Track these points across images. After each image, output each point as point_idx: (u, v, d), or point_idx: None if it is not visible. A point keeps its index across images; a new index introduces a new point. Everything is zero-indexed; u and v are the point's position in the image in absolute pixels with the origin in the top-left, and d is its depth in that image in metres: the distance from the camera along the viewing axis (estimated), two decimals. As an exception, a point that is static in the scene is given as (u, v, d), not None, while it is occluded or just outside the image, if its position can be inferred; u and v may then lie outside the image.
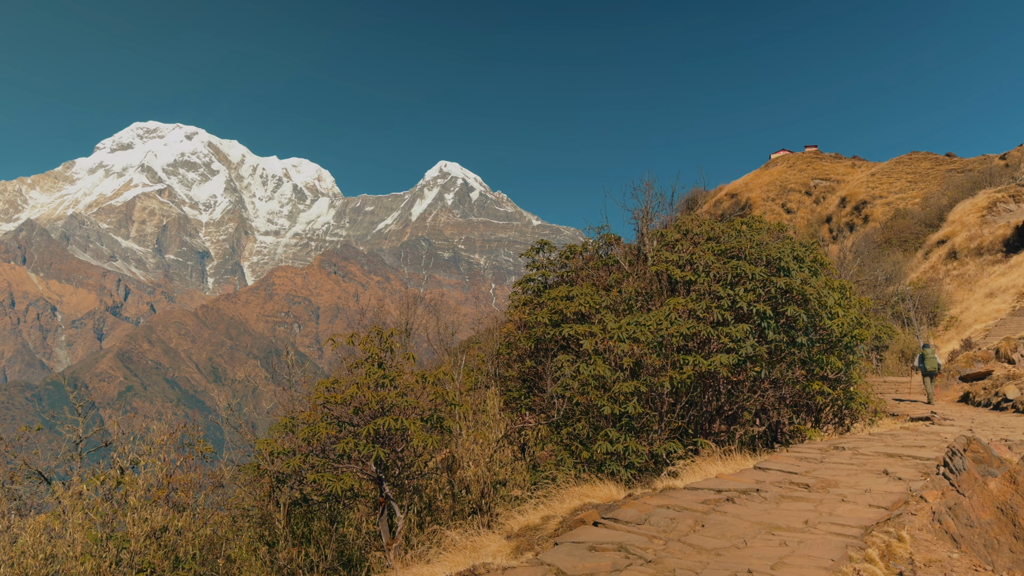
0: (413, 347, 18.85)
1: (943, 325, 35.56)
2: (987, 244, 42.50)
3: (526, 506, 9.33)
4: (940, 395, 21.63)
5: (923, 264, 46.26)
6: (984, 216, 46.13)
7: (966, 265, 42.53)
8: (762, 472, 8.76)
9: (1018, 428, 14.36)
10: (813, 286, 13.23)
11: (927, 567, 6.02)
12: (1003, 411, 17.78)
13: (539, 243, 17.96)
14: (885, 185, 74.65)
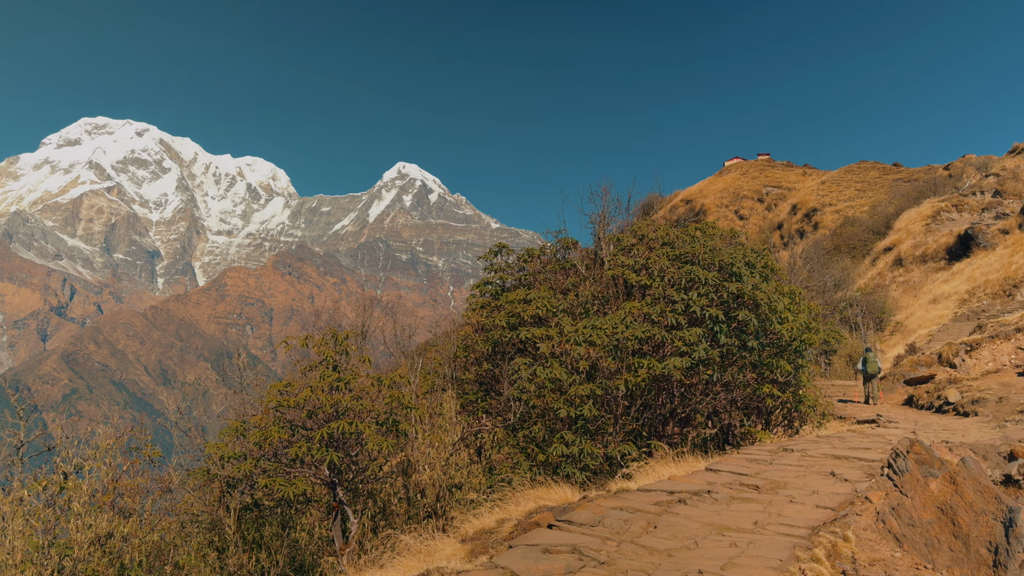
0: (369, 350, 18.69)
1: (889, 330, 36.63)
2: (931, 252, 43.93)
3: (481, 509, 9.33)
4: (885, 399, 22.29)
5: (870, 271, 47.59)
6: (928, 225, 47.68)
7: (911, 272, 43.89)
8: (713, 474, 8.91)
9: (959, 430, 14.88)
10: (764, 291, 13.52)
11: (871, 566, 6.20)
12: (945, 414, 18.41)
13: (497, 246, 17.98)
14: (835, 193, 76.63)
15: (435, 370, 15.30)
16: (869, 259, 50.21)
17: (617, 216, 19.04)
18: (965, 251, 40.84)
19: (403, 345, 18.77)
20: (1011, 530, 6.64)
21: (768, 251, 17.06)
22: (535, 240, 37.97)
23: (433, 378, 14.78)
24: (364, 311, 19.66)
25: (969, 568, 6.62)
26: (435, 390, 14.39)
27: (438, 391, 14.35)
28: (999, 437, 13.24)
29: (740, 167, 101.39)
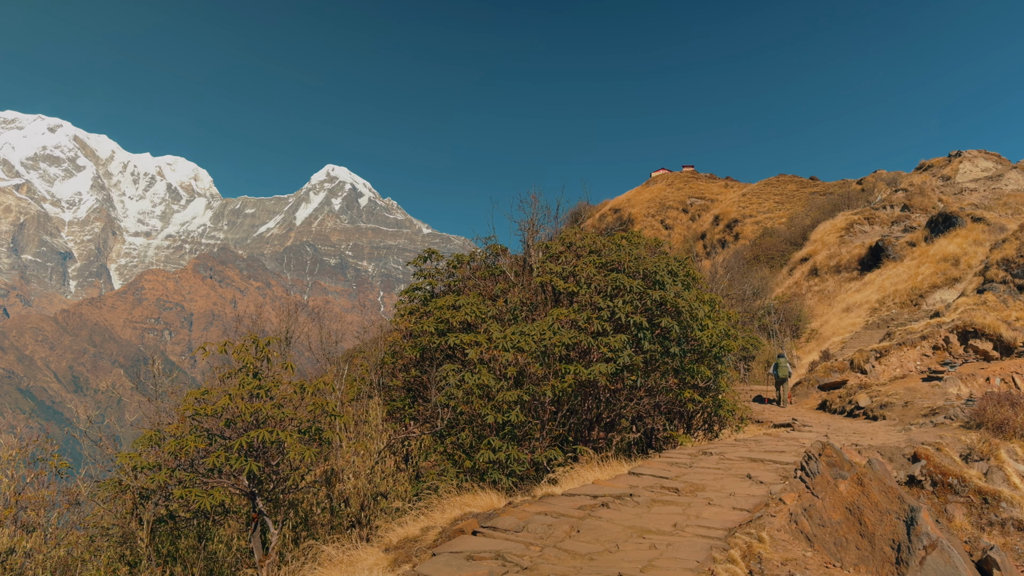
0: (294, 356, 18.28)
1: (805, 337, 38.09)
2: (845, 262, 45.97)
3: (406, 518, 9.24)
4: (801, 403, 23.17)
5: (788, 280, 49.43)
6: (843, 236, 49.90)
7: (826, 282, 45.79)
8: (636, 477, 9.08)
9: (868, 433, 15.59)
10: (686, 299, 13.88)
11: (784, 565, 6.43)
12: (856, 418, 19.26)
13: (427, 252, 17.90)
14: (755, 205, 79.33)
15: (362, 377, 15.09)
16: (787, 269, 52.16)
17: (546, 223, 19.26)
18: (876, 262, 42.91)
19: (329, 351, 18.44)
20: (912, 528, 7.00)
21: (690, 260, 17.55)
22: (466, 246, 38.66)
23: (360, 385, 14.58)
24: (289, 316, 19.23)
25: (874, 565, 6.95)
26: (361, 397, 14.19)
27: (365, 398, 14.16)
28: (904, 440, 13.94)
29: (666, 178, 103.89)
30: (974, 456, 12.90)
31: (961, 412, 15.87)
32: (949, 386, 19.54)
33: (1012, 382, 19.43)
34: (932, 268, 36.87)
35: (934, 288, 35.30)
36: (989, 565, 7.63)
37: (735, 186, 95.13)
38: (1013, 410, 14.31)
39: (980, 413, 14.52)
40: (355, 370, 15.08)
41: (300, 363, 26.04)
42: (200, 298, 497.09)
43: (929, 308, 33.12)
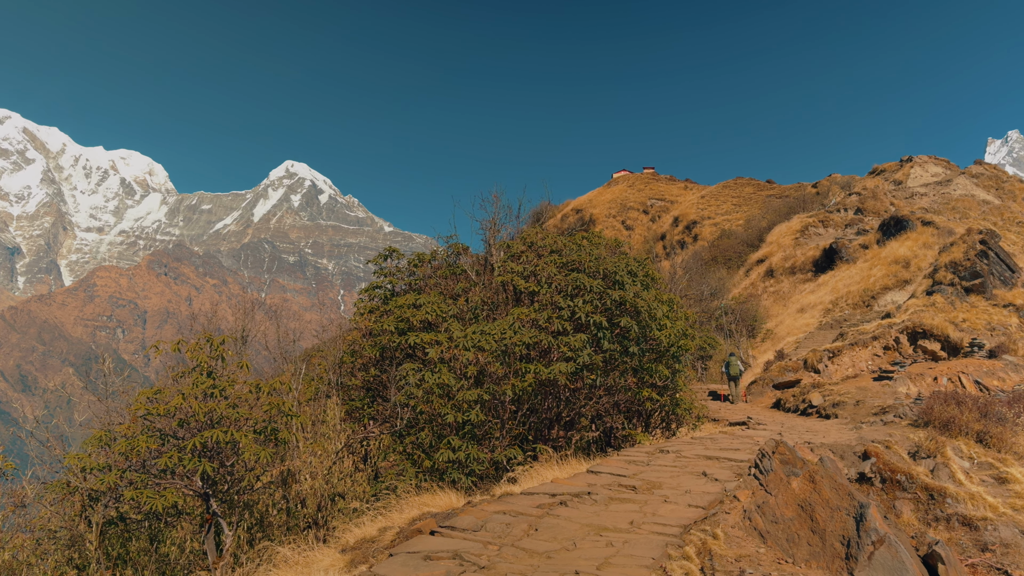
0: (251, 355, 18.00)
1: (760, 337, 38.79)
2: (800, 264, 46.93)
3: (364, 518, 9.17)
4: (756, 401, 23.59)
5: (744, 281, 50.28)
6: (798, 239, 50.92)
7: (781, 283, 46.69)
8: (594, 476, 9.14)
9: (820, 431, 15.93)
10: (644, 299, 14.03)
11: (737, 562, 6.54)
12: (809, 416, 19.66)
13: (387, 250, 17.78)
14: (713, 207, 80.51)
15: (320, 376, 14.92)
16: (743, 270, 53.04)
17: (508, 223, 19.27)
18: (830, 264, 43.89)
19: (287, 350, 18.18)
20: (861, 524, 7.18)
21: (650, 261, 17.74)
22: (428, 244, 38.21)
23: (318, 384, 14.42)
24: (245, 314, 18.90)
25: (825, 560, 7.10)
26: (319, 397, 14.04)
27: (323, 398, 14.01)
28: (855, 438, 14.27)
29: (627, 179, 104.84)
30: (922, 453, 13.27)
31: (910, 411, 16.31)
32: (899, 385, 20.08)
33: (958, 381, 20.04)
34: (884, 270, 37.85)
35: (885, 290, 36.23)
36: (934, 560, 7.86)
37: (694, 188, 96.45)
38: (959, 409, 14.75)
39: (928, 412, 14.94)
40: (313, 369, 14.91)
41: (257, 362, 25.62)
42: (154, 295, 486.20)
43: (881, 309, 33.99)
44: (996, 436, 14.30)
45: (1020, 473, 13.27)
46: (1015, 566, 10.64)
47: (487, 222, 18.21)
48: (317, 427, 12.63)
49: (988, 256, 29.96)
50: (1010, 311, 27.26)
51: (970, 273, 29.43)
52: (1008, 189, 54.31)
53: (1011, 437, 14.48)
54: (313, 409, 13.28)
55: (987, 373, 20.32)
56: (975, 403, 15.18)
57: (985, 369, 20.60)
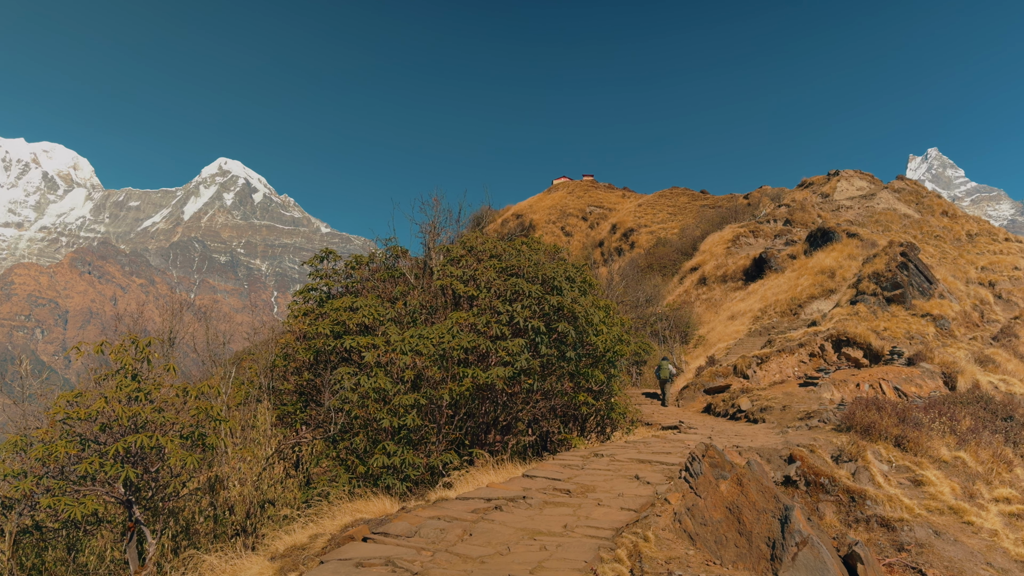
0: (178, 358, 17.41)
1: (693, 343, 39.66)
2: (731, 272, 48.21)
3: (295, 525, 8.97)
4: (688, 406, 24.09)
5: (678, 288, 51.35)
6: (729, 248, 52.31)
7: (713, 290, 47.87)
8: (530, 480, 9.18)
9: (749, 435, 16.37)
10: (582, 305, 14.18)
11: (667, 564, 6.65)
12: (738, 420, 20.20)
13: (324, 251, 17.48)
14: (650, 215, 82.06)
15: (251, 380, 14.56)
16: (678, 277, 54.18)
17: (448, 227, 19.20)
18: (760, 273, 45.24)
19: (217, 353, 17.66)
20: (786, 526, 7.40)
21: (588, 267, 17.94)
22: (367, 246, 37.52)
23: (248, 388, 14.05)
24: (173, 316, 18.28)
25: (751, 561, 7.30)
26: (250, 401, 13.69)
27: (253, 402, 13.67)
28: (782, 442, 14.73)
29: (567, 186, 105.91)
30: (844, 457, 13.79)
31: (833, 416, 16.93)
32: (823, 391, 20.81)
33: (879, 388, 20.90)
34: (810, 280, 39.21)
35: (812, 299, 37.53)
36: (854, 560, 8.17)
37: (632, 196, 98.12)
38: (879, 414, 15.39)
39: (850, 417, 15.53)
40: (244, 373, 14.53)
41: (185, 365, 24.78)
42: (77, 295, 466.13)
43: (807, 317, 35.19)
44: (913, 440, 14.98)
45: (935, 476, 13.93)
46: (929, 564, 11.15)
47: (427, 225, 18.10)
48: (247, 432, 12.31)
49: (908, 268, 31.37)
50: (928, 321, 28.61)
51: (891, 284, 30.76)
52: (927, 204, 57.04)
53: (927, 441, 15.19)
54: (243, 414, 12.94)
55: (906, 380, 21.25)
56: (894, 409, 15.86)
57: (904, 376, 21.55)
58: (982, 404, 18.30)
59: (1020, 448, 16.55)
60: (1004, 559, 11.59)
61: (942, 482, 13.71)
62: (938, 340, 27.01)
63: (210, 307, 34.38)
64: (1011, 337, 28.86)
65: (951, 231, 50.72)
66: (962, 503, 13.14)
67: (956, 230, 50.99)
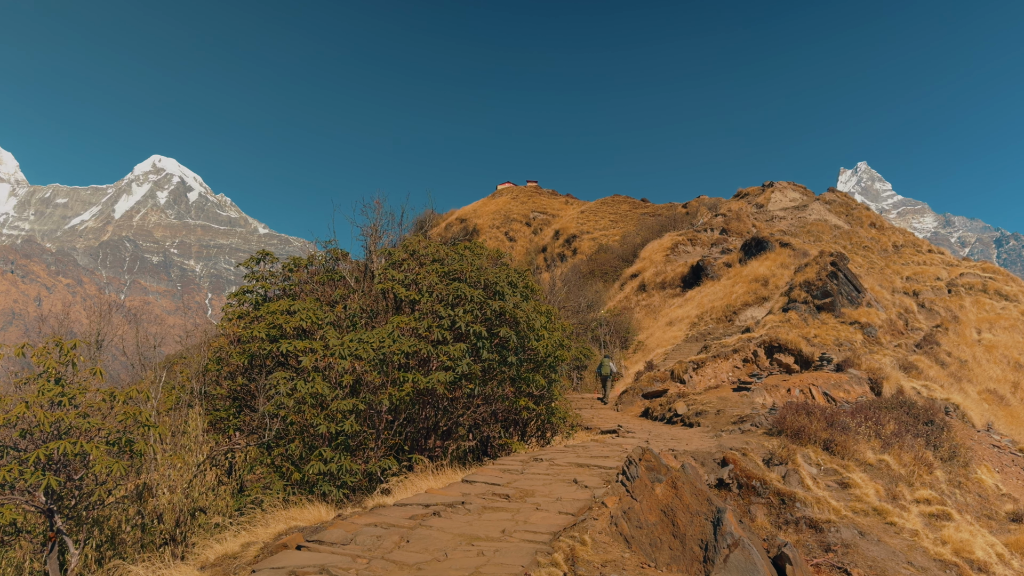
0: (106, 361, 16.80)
1: (632, 348, 40.27)
2: (670, 279, 49.14)
3: (226, 533, 8.74)
4: (626, 410, 24.43)
5: (619, 294, 52.08)
6: (668, 255, 53.33)
7: (652, 297, 48.71)
8: (469, 485, 9.16)
9: (684, 439, 16.69)
10: (524, 310, 14.25)
11: (603, 567, 6.73)
12: (674, 424, 20.56)
13: (260, 253, 17.10)
14: (592, 222, 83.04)
15: (183, 384, 14.13)
16: (619, 283, 54.97)
17: (390, 230, 19.03)
18: (697, 280, 46.27)
19: (147, 357, 17.09)
20: (718, 528, 7.57)
21: (530, 272, 18.05)
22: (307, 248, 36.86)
23: (180, 393, 13.64)
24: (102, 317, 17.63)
25: (685, 564, 7.44)
26: (181, 406, 13.29)
27: (185, 407, 13.27)
28: (716, 446, 15.05)
29: (511, 191, 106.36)
30: (775, 460, 14.18)
31: (765, 420, 17.39)
32: (756, 396, 21.38)
33: (809, 393, 21.59)
34: (745, 287, 40.29)
35: (746, 306, 38.56)
36: (783, 560, 8.40)
37: (575, 203, 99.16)
38: (808, 418, 15.89)
39: (781, 421, 15.99)
40: (175, 377, 14.10)
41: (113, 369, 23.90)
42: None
43: (741, 324, 36.13)
44: (840, 444, 15.51)
45: (860, 479, 14.45)
46: (854, 564, 11.55)
47: (368, 228, 17.91)
48: (178, 438, 11.94)
49: (838, 277, 32.52)
50: (855, 328, 29.70)
51: (822, 292, 31.84)
52: (856, 216, 59.30)
53: (853, 445, 15.75)
54: (174, 419, 12.55)
55: (834, 385, 22.01)
56: (823, 413, 16.40)
57: (833, 382, 22.31)
58: (905, 409, 19.08)
59: (940, 451, 17.33)
60: (923, 558, 12.09)
61: (867, 484, 14.23)
62: (865, 347, 28.08)
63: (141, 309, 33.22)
64: (933, 344, 30.23)
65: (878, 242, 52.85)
66: (886, 504, 13.66)
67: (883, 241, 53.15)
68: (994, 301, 39.05)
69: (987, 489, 16.62)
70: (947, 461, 17.03)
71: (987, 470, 17.46)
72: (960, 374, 28.40)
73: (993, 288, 41.17)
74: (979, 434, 20.69)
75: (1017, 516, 15.34)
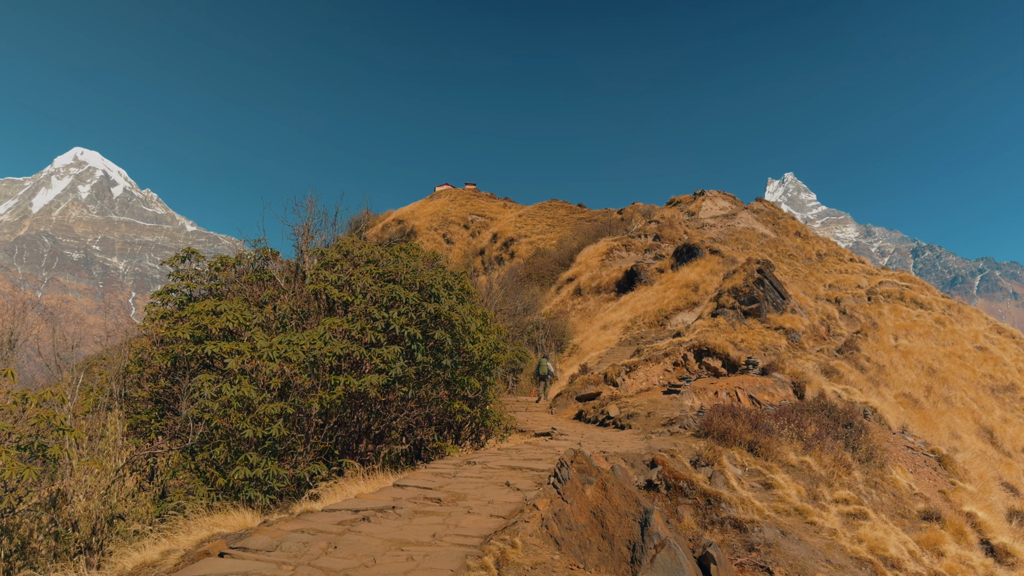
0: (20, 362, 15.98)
1: (568, 352, 40.66)
2: (604, 284, 49.83)
3: (146, 541, 8.42)
4: (560, 413, 24.64)
5: (555, 298, 52.53)
6: (603, 260, 54.09)
7: (588, 301, 49.31)
8: (400, 489, 9.08)
9: (616, 441, 16.93)
10: (459, 312, 14.21)
11: (533, 569, 6.76)
12: (607, 427, 20.84)
13: (186, 251, 16.56)
14: (530, 226, 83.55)
15: (102, 387, 13.56)
16: (555, 287, 55.44)
17: (323, 230, 18.69)
18: (631, 285, 47.06)
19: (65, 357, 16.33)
20: (646, 529, 7.72)
21: (467, 275, 18.02)
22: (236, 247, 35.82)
23: (99, 395, 13.09)
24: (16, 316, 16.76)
25: (613, 564, 7.55)
26: (100, 409, 12.75)
27: (103, 410, 12.74)
28: (645, 447, 15.33)
29: (449, 193, 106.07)
30: (702, 462, 14.53)
31: (693, 422, 17.81)
32: (685, 399, 21.87)
33: (736, 396, 22.21)
34: (676, 293, 41.18)
35: (677, 311, 39.41)
36: (707, 560, 8.62)
37: (513, 207, 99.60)
38: (734, 421, 16.35)
39: (708, 423, 16.40)
40: (94, 379, 13.52)
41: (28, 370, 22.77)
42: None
43: (673, 328, 36.90)
44: (764, 446, 16.01)
45: (783, 479, 14.94)
46: (775, 563, 11.93)
47: (300, 227, 17.55)
48: (95, 443, 11.44)
49: (764, 284, 33.57)
50: (780, 333, 30.72)
51: (749, 298, 32.80)
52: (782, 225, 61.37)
53: (776, 447, 16.28)
54: (92, 423, 12.02)
55: (759, 389, 22.70)
56: (748, 416, 16.90)
57: (758, 385, 23.01)
58: (826, 412, 19.82)
59: (858, 453, 18.06)
60: (841, 556, 12.58)
61: (789, 485, 14.72)
62: (789, 352, 29.07)
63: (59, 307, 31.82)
64: (853, 350, 31.51)
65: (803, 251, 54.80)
66: (806, 504, 14.17)
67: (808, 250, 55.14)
68: (910, 309, 40.99)
69: (901, 489, 17.40)
70: (865, 462, 17.76)
71: (901, 471, 18.29)
72: (878, 378, 29.69)
73: (910, 296, 43.22)
74: (894, 436, 21.66)
75: (928, 514, 16.11)
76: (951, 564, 13.95)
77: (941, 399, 30.25)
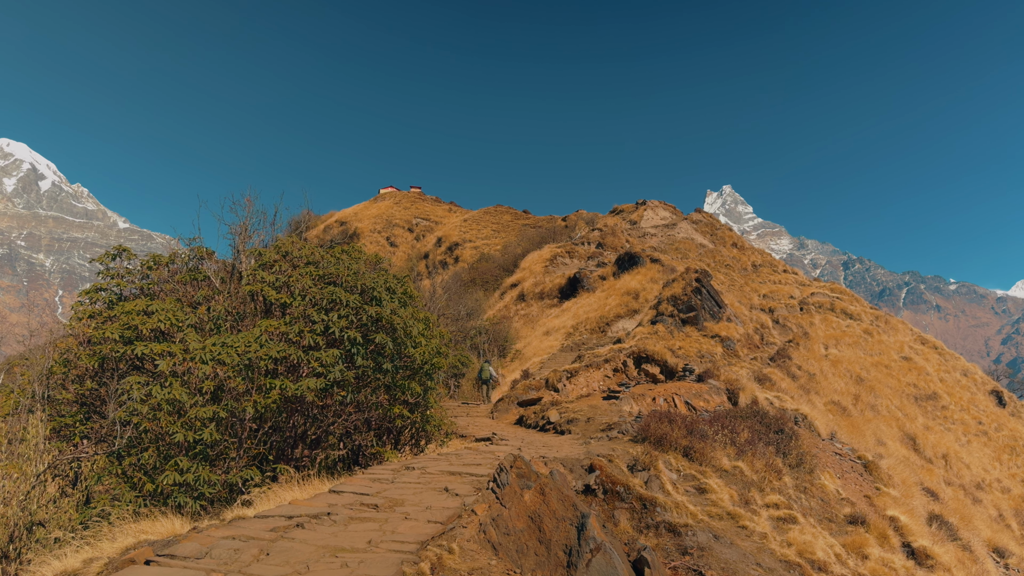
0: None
1: (510, 357, 40.75)
2: (548, 290, 50.16)
3: (67, 549, 8.09)
4: (502, 418, 24.68)
5: (499, 303, 52.61)
6: (547, 267, 54.46)
7: (531, 307, 49.54)
8: (336, 495, 8.95)
9: (556, 446, 17.04)
10: (401, 316, 14.10)
11: (470, 575, 6.75)
12: (547, 432, 20.95)
13: (117, 248, 15.99)
14: (475, 231, 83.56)
15: (23, 388, 12.97)
16: (499, 292, 55.53)
17: (262, 230, 18.29)
18: (574, 292, 47.51)
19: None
20: (582, 533, 7.79)
21: (411, 279, 17.89)
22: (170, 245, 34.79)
23: (19, 397, 12.52)
24: (-72, 313, 15.92)
25: (549, 569, 7.59)
26: (20, 411, 12.20)
27: (24, 412, 12.19)
28: (584, 452, 15.47)
29: (394, 196, 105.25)
30: (638, 466, 14.74)
31: (631, 427, 18.05)
32: (624, 404, 22.16)
33: (673, 402, 22.61)
34: (618, 300, 41.75)
35: (618, 318, 39.96)
36: (642, 564, 8.75)
37: (458, 211, 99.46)
38: (670, 426, 16.64)
39: (645, 428, 16.65)
40: (15, 380, 12.93)
41: (-59, 370, 21.56)
42: None
43: (613, 335, 37.38)
44: (699, 451, 16.34)
45: (716, 484, 15.27)
46: (708, 567, 12.17)
47: (237, 227, 17.13)
48: (15, 446, 10.94)
49: (702, 293, 34.31)
50: (716, 341, 31.44)
51: (687, 307, 33.48)
52: (720, 236, 62.87)
53: (711, 452, 16.63)
54: (11, 426, 11.49)
55: (695, 395, 23.17)
56: (684, 421, 17.22)
57: (694, 391, 23.48)
58: (759, 418, 20.36)
59: (789, 458, 18.59)
60: (771, 559, 12.92)
61: (722, 489, 15.06)
62: (725, 359, 29.77)
63: (-23, 305, 30.30)
64: (785, 358, 32.47)
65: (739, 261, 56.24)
66: (739, 509, 14.51)
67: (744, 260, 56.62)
68: (840, 319, 42.48)
69: (829, 494, 17.98)
70: (795, 468, 18.30)
71: (829, 476, 18.91)
72: (809, 386, 30.66)
73: (840, 307, 44.79)
74: (823, 442, 22.39)
75: (854, 519, 16.70)
76: (875, 567, 14.49)
77: (868, 407, 31.44)
